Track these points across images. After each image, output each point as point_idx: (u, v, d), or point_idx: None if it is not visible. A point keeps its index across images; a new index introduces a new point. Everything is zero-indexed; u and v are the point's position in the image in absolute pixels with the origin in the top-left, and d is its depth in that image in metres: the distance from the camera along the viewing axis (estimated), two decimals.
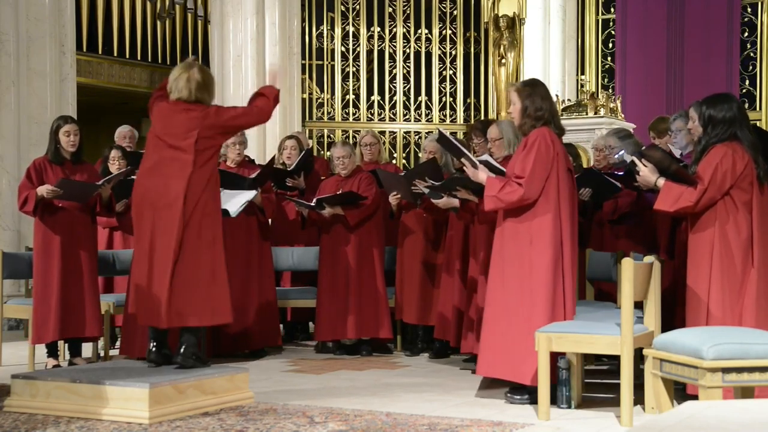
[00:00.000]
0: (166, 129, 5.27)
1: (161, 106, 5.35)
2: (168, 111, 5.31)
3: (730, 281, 4.88)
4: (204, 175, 5.24)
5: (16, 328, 8.59)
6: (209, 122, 5.24)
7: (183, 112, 5.26)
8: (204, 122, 5.23)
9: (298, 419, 4.74)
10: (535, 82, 5.38)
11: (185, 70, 5.31)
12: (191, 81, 5.27)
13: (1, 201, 8.97)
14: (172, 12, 15.37)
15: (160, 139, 5.27)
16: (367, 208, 7.09)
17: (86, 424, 4.70)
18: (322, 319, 7.16)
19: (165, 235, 5.17)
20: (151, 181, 5.25)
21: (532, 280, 5.05)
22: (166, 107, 5.33)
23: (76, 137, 6.53)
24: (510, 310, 5.08)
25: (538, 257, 5.04)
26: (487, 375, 5.27)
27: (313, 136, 12.37)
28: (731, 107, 5.01)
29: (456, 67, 12.82)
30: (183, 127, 5.23)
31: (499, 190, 5.09)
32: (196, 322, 5.23)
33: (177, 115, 5.26)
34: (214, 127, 5.26)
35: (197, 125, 5.22)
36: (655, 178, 5.06)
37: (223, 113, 5.32)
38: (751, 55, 11.85)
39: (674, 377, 4.31)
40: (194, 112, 5.25)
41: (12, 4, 9.07)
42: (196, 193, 5.19)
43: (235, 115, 5.37)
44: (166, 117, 5.30)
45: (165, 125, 5.29)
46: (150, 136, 5.36)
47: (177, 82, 5.29)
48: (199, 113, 5.25)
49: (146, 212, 5.23)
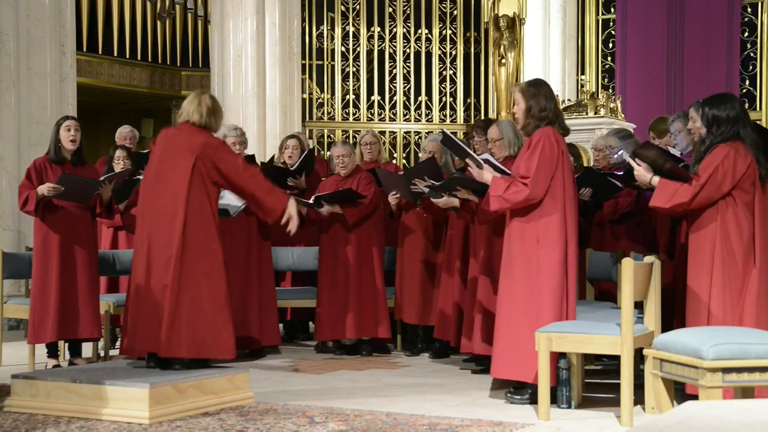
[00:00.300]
0: (169, 149, 5.32)
1: (167, 130, 5.46)
2: (173, 132, 5.40)
3: (731, 281, 4.88)
4: (201, 198, 5.25)
5: (16, 328, 8.59)
6: (208, 153, 5.26)
7: (188, 133, 5.32)
8: (204, 150, 5.26)
9: (298, 419, 4.74)
10: (539, 82, 5.35)
11: (197, 96, 5.44)
12: (202, 105, 5.38)
13: (1, 201, 8.96)
14: (172, 12, 15.37)
15: (161, 161, 5.32)
16: (365, 207, 7.09)
17: (86, 424, 4.70)
18: (321, 319, 7.16)
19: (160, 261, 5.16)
20: (149, 200, 5.29)
21: (539, 279, 5.04)
22: (172, 129, 5.45)
23: (77, 132, 6.52)
24: (519, 310, 5.08)
25: (545, 257, 5.04)
26: (500, 377, 5.24)
27: (313, 136, 12.37)
28: (734, 106, 5.02)
29: (456, 67, 12.82)
30: (185, 149, 5.27)
31: (504, 190, 5.09)
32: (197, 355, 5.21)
33: (182, 134, 5.33)
34: (211, 161, 5.28)
35: (198, 149, 5.25)
36: (650, 176, 5.07)
37: (222, 153, 5.32)
38: (751, 55, 11.85)
39: (674, 377, 4.31)
40: (200, 137, 5.30)
41: (12, 4, 9.07)
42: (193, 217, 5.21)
43: (232, 162, 5.31)
44: (171, 139, 5.36)
45: (168, 144, 5.35)
46: (151, 158, 5.42)
47: (189, 105, 5.40)
48: (204, 138, 5.31)
49: (144, 230, 5.28)
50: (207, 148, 5.26)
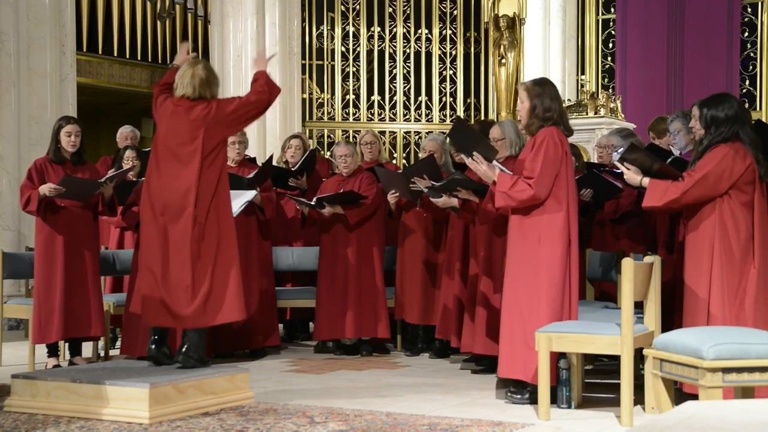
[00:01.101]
0: (171, 133, 5.30)
1: (165, 106, 5.38)
2: (172, 112, 5.34)
3: (729, 281, 4.88)
4: (213, 176, 5.27)
5: (16, 328, 8.59)
6: (212, 118, 5.27)
7: (186, 112, 5.29)
8: (207, 119, 5.26)
9: (298, 419, 4.74)
10: (544, 81, 5.32)
11: (190, 67, 5.37)
12: (195, 77, 5.32)
13: (2, 201, 8.96)
14: (172, 12, 15.37)
15: (166, 145, 5.30)
16: (366, 208, 7.09)
17: (86, 424, 4.70)
18: (321, 318, 7.16)
19: (179, 241, 5.20)
20: (159, 187, 5.27)
21: (542, 279, 5.04)
22: (170, 107, 5.36)
23: (77, 138, 6.54)
24: (522, 310, 5.08)
25: (548, 257, 5.03)
26: (506, 377, 5.23)
27: (314, 136, 12.37)
28: (732, 106, 5.02)
29: (456, 67, 12.82)
30: (187, 130, 5.25)
31: (510, 187, 5.07)
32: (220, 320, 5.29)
33: (181, 116, 5.29)
34: (218, 122, 5.28)
35: (201, 124, 5.24)
36: (639, 178, 5.08)
37: (224, 106, 5.33)
38: (751, 55, 11.85)
39: (674, 377, 4.31)
40: (196, 110, 5.27)
41: (12, 4, 9.07)
42: (206, 196, 5.22)
43: (237, 107, 5.35)
44: (170, 119, 5.33)
45: (169, 128, 5.31)
46: (155, 142, 5.39)
47: (182, 78, 5.35)
48: (201, 111, 5.27)
49: (157, 219, 5.25)
50: (209, 116, 5.26)
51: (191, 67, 5.36)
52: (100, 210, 6.63)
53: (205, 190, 5.23)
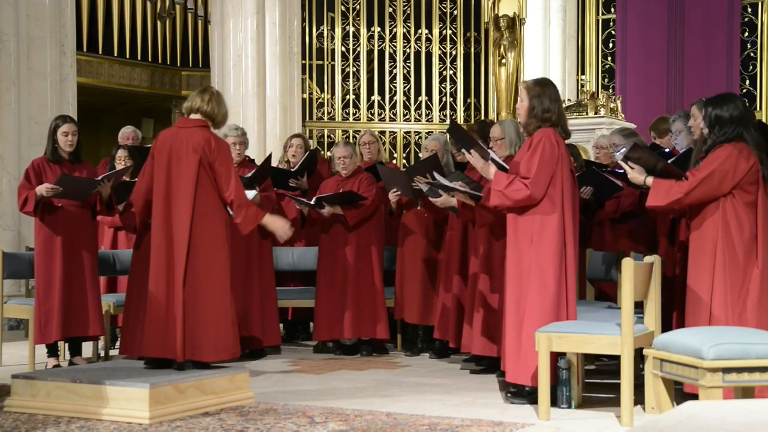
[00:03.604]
0: (175, 147, 5.34)
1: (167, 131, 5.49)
2: (174, 131, 5.41)
3: (732, 281, 4.87)
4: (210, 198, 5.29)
5: (16, 328, 8.59)
6: (208, 159, 5.29)
7: (192, 131, 5.33)
8: (204, 153, 5.29)
9: (298, 419, 4.74)
10: (545, 82, 5.31)
11: (202, 90, 5.54)
12: (206, 93, 5.44)
13: (1, 201, 8.97)
14: (172, 12, 15.36)
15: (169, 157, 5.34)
16: (366, 208, 7.09)
17: (86, 424, 4.70)
18: (320, 318, 7.16)
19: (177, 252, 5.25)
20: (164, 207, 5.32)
21: (533, 280, 5.04)
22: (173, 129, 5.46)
23: (74, 137, 6.54)
24: (520, 312, 5.07)
25: (540, 257, 5.03)
26: (514, 381, 5.19)
27: (314, 136, 12.37)
28: (737, 106, 5.01)
29: (456, 67, 12.82)
30: (191, 149, 5.30)
31: (505, 186, 5.07)
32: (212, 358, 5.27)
33: (185, 130, 5.36)
34: (210, 166, 5.31)
35: (200, 150, 5.28)
36: (643, 177, 5.07)
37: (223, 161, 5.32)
38: (751, 55, 11.85)
39: (674, 377, 4.31)
40: (201, 134, 5.32)
41: (12, 4, 9.07)
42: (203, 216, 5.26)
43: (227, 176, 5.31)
44: (174, 135, 5.38)
45: (173, 141, 5.36)
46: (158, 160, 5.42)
47: (194, 96, 5.47)
48: (205, 136, 5.32)
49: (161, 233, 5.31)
50: (207, 149, 5.28)
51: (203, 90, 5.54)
52: (98, 210, 6.62)
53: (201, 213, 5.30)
